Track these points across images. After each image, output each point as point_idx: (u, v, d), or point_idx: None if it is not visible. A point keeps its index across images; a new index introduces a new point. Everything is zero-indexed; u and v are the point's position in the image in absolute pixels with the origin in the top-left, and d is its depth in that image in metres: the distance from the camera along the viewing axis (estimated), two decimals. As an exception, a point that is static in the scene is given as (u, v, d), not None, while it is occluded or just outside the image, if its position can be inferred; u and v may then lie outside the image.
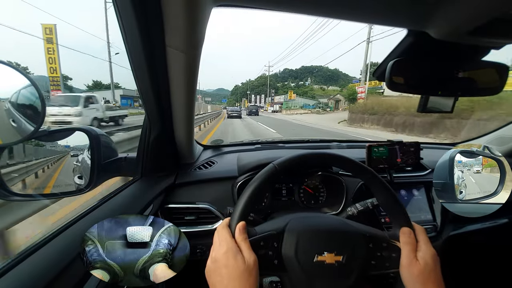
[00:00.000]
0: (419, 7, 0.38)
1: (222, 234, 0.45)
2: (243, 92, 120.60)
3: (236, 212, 0.46)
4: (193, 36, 0.50)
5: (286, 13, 0.42)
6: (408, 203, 0.98)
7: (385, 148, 0.95)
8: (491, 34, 0.39)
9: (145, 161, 0.80)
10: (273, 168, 0.49)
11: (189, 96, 0.67)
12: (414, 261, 0.45)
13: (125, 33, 0.51)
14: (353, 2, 0.39)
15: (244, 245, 0.43)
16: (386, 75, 0.46)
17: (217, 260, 0.42)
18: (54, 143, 0.65)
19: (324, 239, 0.47)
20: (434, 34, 0.41)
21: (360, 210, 0.66)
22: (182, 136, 0.83)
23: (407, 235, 0.47)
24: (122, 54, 10.77)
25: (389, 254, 0.48)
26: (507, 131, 1.21)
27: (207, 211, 0.83)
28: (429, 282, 0.43)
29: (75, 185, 0.66)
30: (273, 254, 0.46)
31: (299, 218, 0.51)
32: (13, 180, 0.59)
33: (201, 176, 0.91)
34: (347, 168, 0.54)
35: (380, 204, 0.54)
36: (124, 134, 3.97)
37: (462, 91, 0.50)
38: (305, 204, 0.93)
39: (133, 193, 0.75)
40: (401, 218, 0.50)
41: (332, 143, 1.35)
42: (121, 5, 0.47)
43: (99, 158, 0.66)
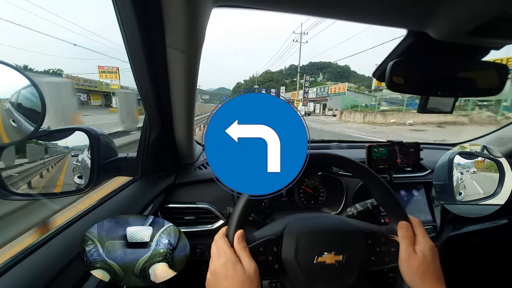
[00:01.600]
0: (419, 7, 0.38)
1: (220, 244, 0.44)
2: (249, 88, 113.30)
3: (232, 221, 0.46)
4: (193, 37, 0.50)
5: (285, 13, 0.42)
6: (408, 203, 0.98)
7: (385, 149, 0.95)
8: (491, 34, 0.39)
9: (145, 161, 0.80)
10: None
11: (189, 96, 0.67)
12: (413, 254, 0.45)
13: (125, 33, 0.51)
14: (353, 3, 0.39)
15: (243, 253, 0.43)
16: (386, 75, 0.46)
17: (217, 272, 0.42)
18: (54, 143, 0.65)
19: (323, 239, 0.47)
20: (434, 34, 0.41)
21: (360, 210, 0.66)
22: (182, 136, 0.83)
23: (404, 229, 0.48)
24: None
25: (388, 249, 0.48)
26: (507, 132, 1.21)
27: (207, 211, 0.83)
28: (427, 274, 0.43)
29: (75, 185, 0.66)
30: (273, 259, 0.46)
31: (297, 220, 0.51)
32: (12, 180, 0.59)
33: (201, 176, 0.91)
34: (341, 166, 0.54)
35: (376, 200, 0.54)
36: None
37: (462, 91, 0.50)
38: (305, 204, 0.93)
39: (133, 193, 0.75)
40: (398, 212, 0.50)
41: (332, 143, 1.35)
42: (121, 6, 0.47)
43: (99, 158, 0.66)
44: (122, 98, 5.53)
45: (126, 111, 5.21)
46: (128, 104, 5.25)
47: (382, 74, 0.48)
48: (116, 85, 29.56)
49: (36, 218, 1.24)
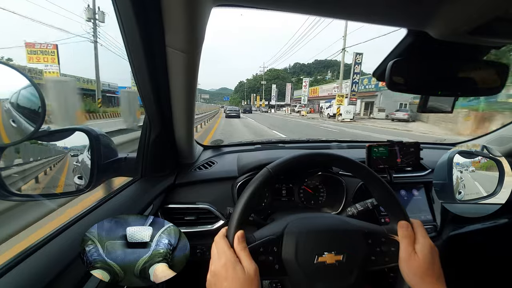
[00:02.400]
0: (419, 7, 0.38)
1: (220, 245, 0.44)
2: (252, 87, 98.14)
3: (232, 221, 0.46)
4: (193, 36, 0.50)
5: (285, 13, 0.42)
6: (408, 203, 0.98)
7: (385, 148, 0.95)
8: (491, 34, 0.39)
9: (145, 161, 0.80)
10: (267, 172, 0.49)
11: (189, 96, 0.67)
12: (413, 255, 0.45)
13: (125, 33, 0.51)
14: (353, 2, 0.39)
15: (243, 254, 0.42)
16: (386, 75, 0.46)
17: (217, 273, 0.42)
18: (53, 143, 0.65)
19: (323, 239, 0.47)
20: (434, 34, 0.41)
21: (360, 210, 0.66)
22: (182, 136, 0.83)
23: (404, 229, 0.47)
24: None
25: (388, 249, 0.48)
26: (507, 131, 1.21)
27: (207, 211, 0.83)
28: (427, 274, 0.43)
29: (75, 185, 0.66)
30: (273, 259, 0.46)
31: (297, 220, 0.51)
32: (12, 180, 0.59)
33: (201, 176, 0.91)
34: (342, 166, 0.54)
35: (376, 199, 0.54)
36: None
37: (462, 91, 0.50)
38: (305, 205, 0.93)
39: (133, 193, 0.75)
40: (398, 212, 0.50)
41: (332, 143, 1.35)
42: (121, 5, 0.47)
43: (99, 158, 0.66)
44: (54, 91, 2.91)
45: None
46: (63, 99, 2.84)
47: (382, 74, 0.48)
48: (54, 73, 18.18)
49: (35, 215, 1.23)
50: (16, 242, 1.13)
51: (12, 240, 1.13)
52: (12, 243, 1.11)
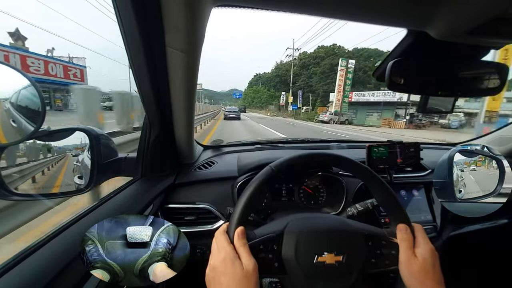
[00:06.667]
0: (419, 7, 0.38)
1: (220, 240, 0.44)
2: (280, 79, 64.66)
3: (233, 217, 0.46)
4: (193, 36, 0.50)
5: (285, 13, 0.42)
6: (408, 203, 0.98)
7: (385, 149, 0.95)
8: (491, 34, 0.39)
9: (145, 161, 0.80)
10: (270, 170, 0.49)
11: (189, 96, 0.67)
12: (413, 258, 0.45)
13: (125, 33, 0.51)
14: (353, 2, 0.38)
15: (242, 250, 0.43)
16: (386, 75, 0.46)
17: (216, 268, 0.42)
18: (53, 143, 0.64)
19: (323, 239, 0.47)
20: (434, 34, 0.41)
21: (360, 210, 0.66)
22: (182, 136, 0.83)
23: (403, 232, 0.47)
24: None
25: (389, 252, 0.48)
26: (507, 132, 1.21)
27: (207, 211, 0.83)
28: (428, 278, 0.43)
29: (75, 185, 0.66)
30: (273, 257, 0.46)
31: (298, 219, 0.51)
32: (12, 179, 0.59)
33: (201, 176, 0.91)
34: (343, 167, 0.54)
35: (377, 201, 0.54)
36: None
37: (462, 91, 0.50)
38: (305, 205, 0.93)
39: (133, 193, 0.75)
40: (398, 214, 0.50)
41: (332, 143, 1.35)
42: (120, 5, 0.47)
43: (99, 158, 0.66)
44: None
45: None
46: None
47: (382, 74, 0.48)
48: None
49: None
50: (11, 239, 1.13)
51: (7, 238, 1.13)
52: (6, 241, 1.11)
